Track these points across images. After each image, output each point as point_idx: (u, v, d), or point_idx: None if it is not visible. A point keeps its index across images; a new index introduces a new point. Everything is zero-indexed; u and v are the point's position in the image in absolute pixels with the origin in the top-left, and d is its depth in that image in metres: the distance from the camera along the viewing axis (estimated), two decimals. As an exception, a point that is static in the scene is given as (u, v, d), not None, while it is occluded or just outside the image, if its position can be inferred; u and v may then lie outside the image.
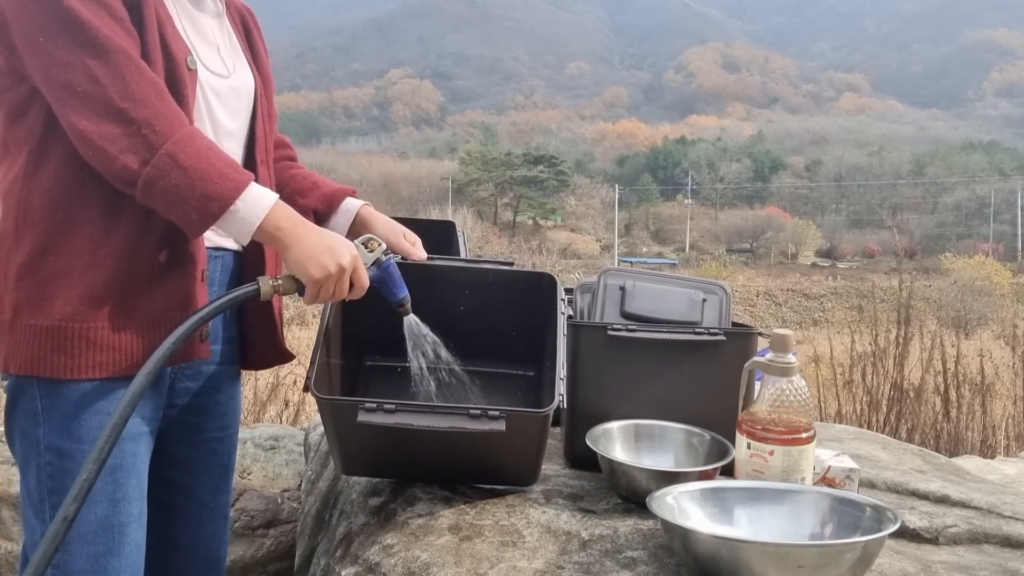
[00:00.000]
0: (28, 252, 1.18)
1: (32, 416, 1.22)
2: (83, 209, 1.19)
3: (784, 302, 38.08)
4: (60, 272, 1.18)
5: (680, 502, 1.20)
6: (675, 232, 66.20)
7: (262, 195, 1.18)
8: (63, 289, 1.17)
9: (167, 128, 1.12)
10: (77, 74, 1.09)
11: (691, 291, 1.64)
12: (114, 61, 1.11)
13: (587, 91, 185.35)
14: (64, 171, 1.18)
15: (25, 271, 1.18)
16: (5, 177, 1.23)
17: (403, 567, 1.21)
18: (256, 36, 1.49)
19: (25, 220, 1.19)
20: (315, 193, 1.54)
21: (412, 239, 1.54)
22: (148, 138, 1.10)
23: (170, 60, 1.22)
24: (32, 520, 1.24)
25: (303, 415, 4.90)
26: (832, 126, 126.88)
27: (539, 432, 1.31)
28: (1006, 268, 36.14)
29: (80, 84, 1.09)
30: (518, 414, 1.28)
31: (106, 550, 1.23)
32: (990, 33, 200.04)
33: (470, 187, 60.40)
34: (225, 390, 1.46)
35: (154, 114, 1.11)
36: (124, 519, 1.25)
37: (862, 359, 4.48)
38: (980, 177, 69.62)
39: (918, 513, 1.47)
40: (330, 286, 1.21)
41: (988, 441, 4.12)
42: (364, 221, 1.53)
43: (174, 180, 1.11)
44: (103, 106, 1.10)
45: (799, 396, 1.28)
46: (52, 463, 1.20)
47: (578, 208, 66.99)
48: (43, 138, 1.19)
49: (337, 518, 1.52)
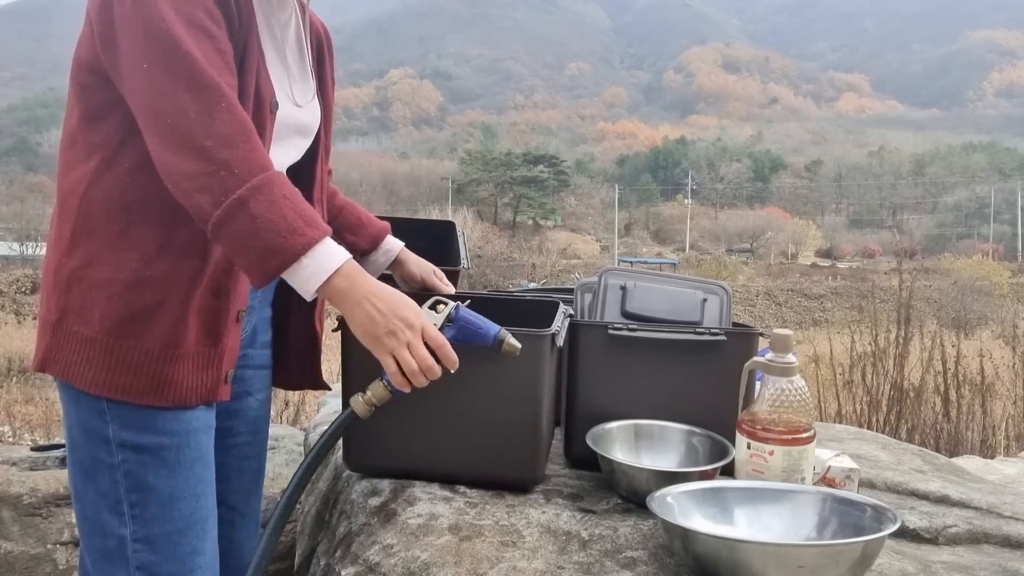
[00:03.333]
0: (81, 259, 1.17)
1: (98, 414, 1.19)
2: (140, 226, 1.17)
3: (784, 302, 38.11)
4: (104, 283, 1.16)
5: (680, 502, 1.20)
6: (675, 232, 66.23)
7: (332, 254, 1.12)
8: (103, 302, 1.16)
9: (246, 172, 1.08)
10: (168, 104, 1.08)
11: (692, 291, 1.64)
12: (206, 97, 1.08)
13: (587, 91, 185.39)
14: (130, 185, 1.17)
15: (75, 278, 1.18)
16: (68, 175, 1.20)
17: (403, 567, 1.21)
18: (327, 63, 1.45)
19: (83, 226, 1.18)
20: (363, 232, 1.56)
21: (440, 276, 1.59)
22: (225, 180, 1.07)
23: (259, 101, 1.21)
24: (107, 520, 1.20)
25: (303, 415, 4.91)
26: (832, 126, 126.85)
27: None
28: (1006, 268, 36.15)
29: (169, 115, 1.08)
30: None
31: (191, 549, 1.21)
32: (990, 33, 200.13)
33: (470, 187, 60.42)
34: (257, 394, 1.45)
35: (236, 156, 1.08)
36: (205, 514, 1.24)
37: (862, 359, 4.48)
38: (980, 177, 69.67)
39: (918, 513, 1.47)
40: (404, 352, 1.14)
41: (988, 441, 4.13)
42: (400, 261, 1.58)
43: (241, 227, 1.07)
44: (187, 141, 1.07)
45: (799, 396, 1.28)
46: (128, 460, 1.18)
47: (578, 208, 67.01)
48: (118, 148, 1.17)
49: (337, 518, 1.52)
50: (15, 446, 3.05)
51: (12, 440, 5.13)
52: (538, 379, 1.38)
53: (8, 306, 25.06)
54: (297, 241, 1.08)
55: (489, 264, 37.80)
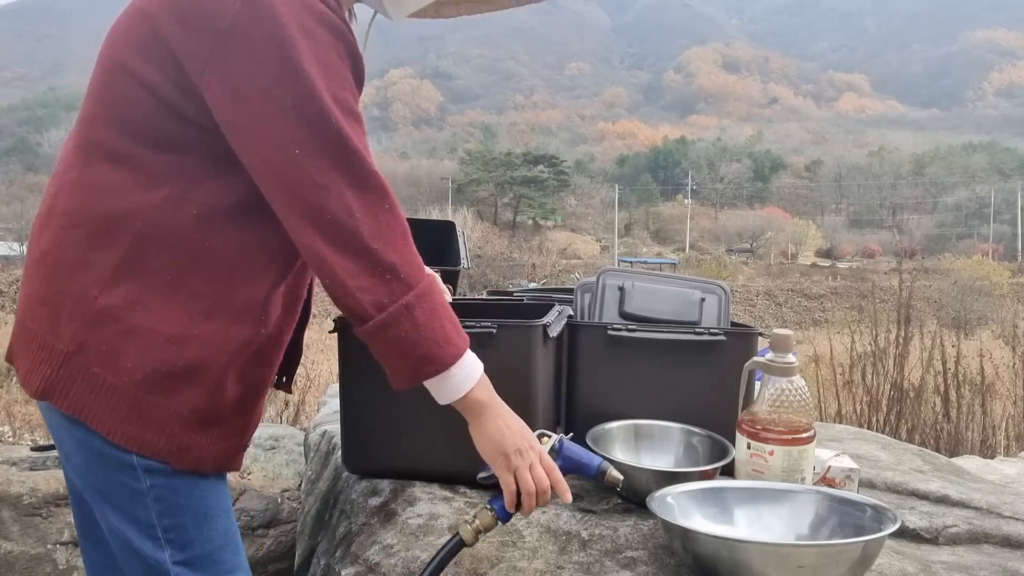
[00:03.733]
0: (121, 297, 1.06)
1: (115, 446, 1.10)
2: (195, 279, 1.08)
3: (784, 302, 38.12)
4: (143, 332, 1.06)
5: (680, 502, 1.20)
6: (675, 232, 66.25)
7: (474, 365, 1.12)
8: (139, 352, 1.06)
9: (411, 278, 1.05)
10: (331, 200, 1.02)
11: (690, 291, 1.64)
12: (372, 197, 1.04)
13: (587, 91, 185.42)
14: (195, 234, 1.07)
15: (108, 315, 1.06)
16: (112, 196, 1.07)
17: (403, 567, 1.21)
18: None
19: (131, 263, 1.06)
20: None
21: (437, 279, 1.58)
22: (391, 285, 1.04)
23: None
24: (140, 544, 1.12)
25: (303, 415, 4.90)
26: (832, 126, 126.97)
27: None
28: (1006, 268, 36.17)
29: (331, 211, 1.02)
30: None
31: (232, 565, 1.18)
32: (990, 33, 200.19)
33: (470, 187, 60.42)
34: None
35: (402, 260, 1.05)
36: (236, 528, 1.21)
37: (862, 359, 4.48)
38: (980, 177, 69.68)
39: (918, 513, 1.47)
40: (527, 472, 1.12)
41: (988, 441, 4.13)
42: None
43: (403, 333, 1.05)
44: (352, 240, 1.03)
45: (799, 396, 1.28)
46: (158, 485, 1.11)
47: (578, 208, 67.02)
48: (188, 189, 1.07)
49: (337, 518, 1.52)
50: (15, 446, 3.04)
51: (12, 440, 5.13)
52: (531, 371, 1.38)
53: (8, 306, 25.05)
54: (451, 352, 1.08)
55: (489, 264, 37.82)
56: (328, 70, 1.02)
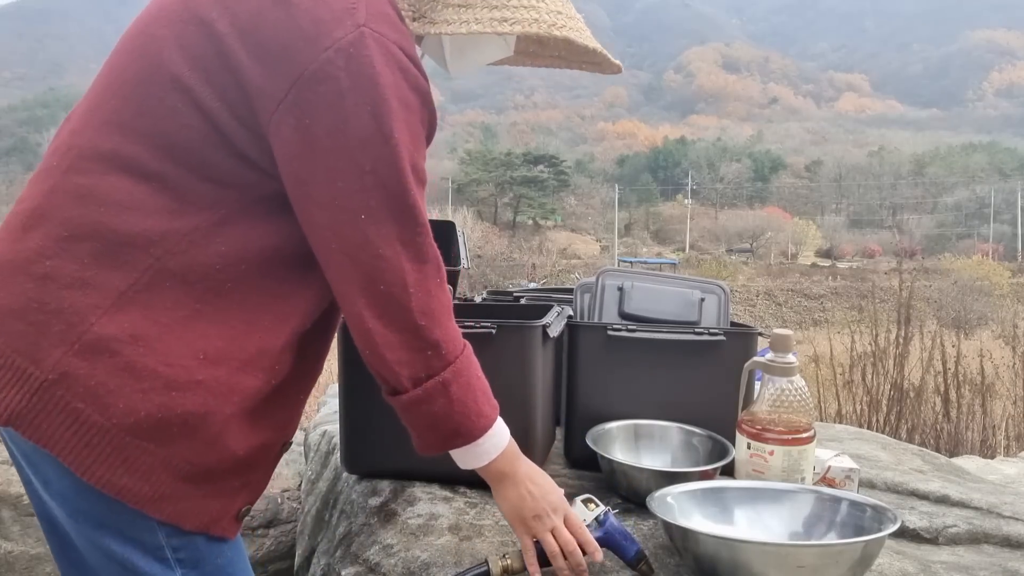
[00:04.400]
0: (122, 327, 0.94)
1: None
2: (208, 320, 0.98)
3: (784, 302, 38.12)
4: (142, 372, 0.94)
5: (680, 502, 1.20)
6: (675, 232, 66.25)
7: (502, 433, 1.11)
8: (135, 393, 0.94)
9: (451, 354, 1.04)
10: (387, 271, 0.98)
11: (690, 291, 1.64)
12: (427, 271, 1.02)
13: (587, 91, 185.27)
14: (218, 273, 0.98)
15: (103, 346, 0.93)
16: (146, 218, 0.96)
17: (403, 567, 1.21)
18: None
19: (142, 292, 0.95)
20: None
21: None
22: (431, 361, 1.02)
23: None
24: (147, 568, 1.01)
25: (303, 415, 4.90)
26: (832, 126, 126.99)
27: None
28: (1006, 268, 36.18)
29: (385, 281, 0.99)
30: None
31: None
32: (990, 33, 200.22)
33: (470, 187, 60.43)
34: None
35: (444, 336, 1.03)
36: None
37: (862, 359, 4.48)
38: (980, 177, 69.70)
39: (918, 513, 1.47)
40: (548, 536, 1.12)
41: (988, 441, 4.13)
42: None
43: (438, 408, 1.03)
44: (401, 314, 1.00)
45: (799, 396, 1.28)
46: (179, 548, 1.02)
47: (578, 208, 67.01)
48: (222, 222, 0.98)
49: (337, 518, 1.52)
50: (15, 446, 3.04)
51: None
52: (530, 371, 1.38)
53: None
54: (482, 424, 1.07)
55: (489, 264, 37.80)
56: (414, 139, 0.99)
